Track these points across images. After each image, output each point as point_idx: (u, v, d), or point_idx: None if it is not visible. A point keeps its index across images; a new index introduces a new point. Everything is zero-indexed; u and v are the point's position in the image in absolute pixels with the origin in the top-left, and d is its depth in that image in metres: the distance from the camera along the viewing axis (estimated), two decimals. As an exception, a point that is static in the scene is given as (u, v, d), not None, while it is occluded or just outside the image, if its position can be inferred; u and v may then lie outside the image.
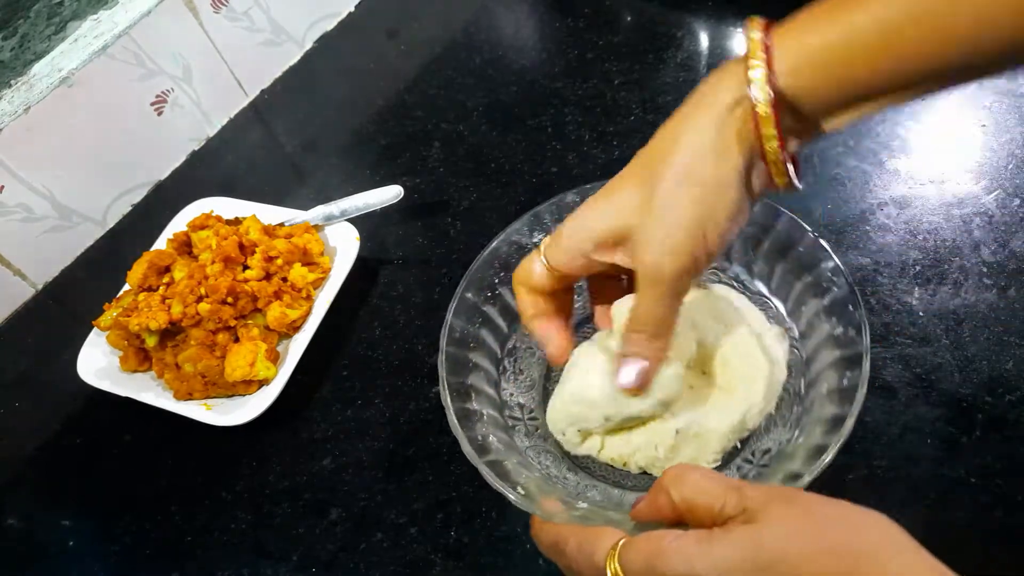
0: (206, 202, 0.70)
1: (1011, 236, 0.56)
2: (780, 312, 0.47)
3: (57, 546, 0.56)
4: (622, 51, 0.78)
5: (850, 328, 0.40)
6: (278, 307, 0.60)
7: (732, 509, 0.30)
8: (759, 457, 0.44)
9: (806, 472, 0.36)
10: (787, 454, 0.41)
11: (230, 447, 0.58)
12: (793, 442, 0.41)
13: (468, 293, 0.48)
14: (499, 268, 0.49)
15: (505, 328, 0.50)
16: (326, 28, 0.91)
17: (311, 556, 0.52)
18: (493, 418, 0.45)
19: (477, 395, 0.46)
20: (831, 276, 0.43)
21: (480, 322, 0.48)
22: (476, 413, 0.45)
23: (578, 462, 0.47)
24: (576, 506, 0.39)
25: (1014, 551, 0.43)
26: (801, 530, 0.28)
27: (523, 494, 0.39)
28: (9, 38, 0.67)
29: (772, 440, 0.44)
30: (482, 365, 0.48)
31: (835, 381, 0.40)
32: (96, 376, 0.61)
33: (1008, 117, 0.63)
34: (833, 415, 0.38)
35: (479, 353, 0.48)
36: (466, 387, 0.46)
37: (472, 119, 0.77)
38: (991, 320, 0.52)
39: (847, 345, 0.40)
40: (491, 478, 0.39)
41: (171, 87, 0.77)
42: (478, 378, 0.47)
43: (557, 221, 0.50)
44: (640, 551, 0.30)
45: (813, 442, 0.38)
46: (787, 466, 0.39)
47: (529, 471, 0.43)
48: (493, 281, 0.49)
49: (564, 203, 0.49)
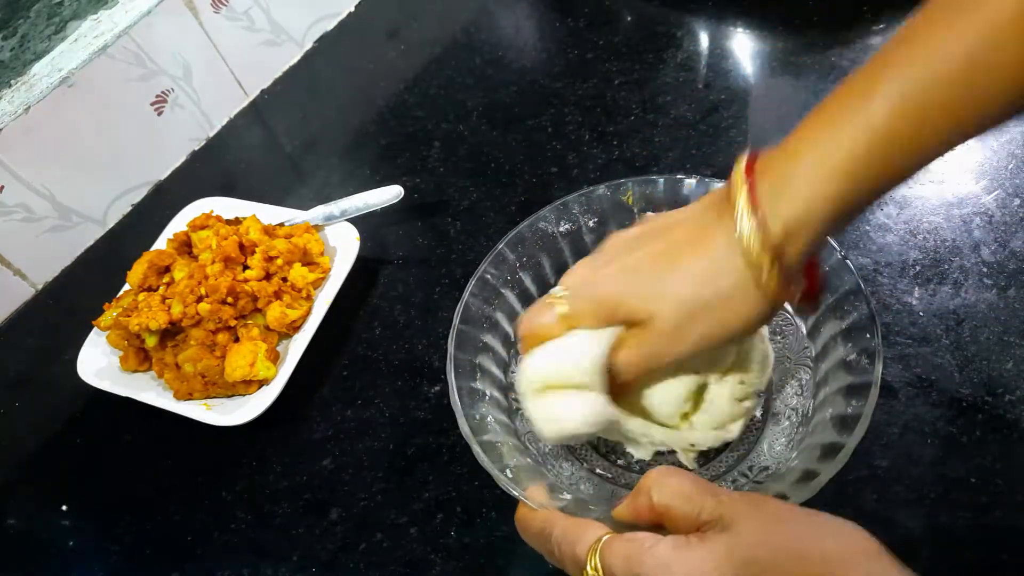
0: (206, 202, 0.70)
1: (1011, 236, 0.56)
2: (800, 331, 0.47)
3: (57, 546, 0.56)
4: (622, 51, 0.78)
5: (863, 356, 0.40)
6: (278, 307, 0.60)
7: (708, 515, 0.30)
8: (756, 473, 0.44)
9: (793, 495, 0.36)
10: (781, 475, 0.41)
11: (230, 447, 0.58)
12: (788, 463, 0.41)
13: (488, 274, 0.48)
14: (522, 252, 0.49)
15: (521, 311, 0.50)
16: (326, 28, 0.91)
17: (311, 556, 0.52)
18: (496, 400, 0.45)
19: (483, 375, 0.46)
20: (853, 299, 0.42)
21: (496, 304, 0.48)
22: (479, 392, 0.45)
23: (576, 453, 0.47)
24: (560, 497, 0.39)
25: (1014, 551, 0.43)
26: (772, 536, 0.29)
27: (511, 477, 0.39)
28: (9, 38, 0.67)
29: (773, 459, 0.44)
30: (492, 346, 0.47)
31: (841, 407, 0.40)
32: (96, 376, 0.61)
33: (1008, 117, 0.63)
34: (831, 442, 0.38)
35: (491, 334, 0.48)
36: (473, 365, 0.46)
37: (472, 119, 0.77)
38: (991, 320, 0.52)
39: (858, 373, 0.40)
40: (481, 458, 0.39)
41: (171, 87, 0.77)
42: (487, 358, 0.47)
43: (585, 212, 0.50)
44: (620, 551, 0.31)
45: (806, 467, 0.38)
46: (778, 487, 0.39)
47: (522, 456, 0.43)
48: (514, 265, 0.49)
49: (594, 196, 0.49)
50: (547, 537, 0.36)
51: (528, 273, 0.49)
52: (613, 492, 0.45)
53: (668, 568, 0.29)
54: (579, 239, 0.51)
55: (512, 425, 0.46)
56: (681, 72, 0.74)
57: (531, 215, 0.49)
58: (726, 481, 0.44)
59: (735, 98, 0.70)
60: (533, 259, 0.50)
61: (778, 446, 0.44)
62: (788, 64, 0.72)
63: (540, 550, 0.37)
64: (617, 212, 0.50)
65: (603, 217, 0.50)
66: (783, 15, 0.76)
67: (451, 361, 0.43)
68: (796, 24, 0.75)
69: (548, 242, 0.50)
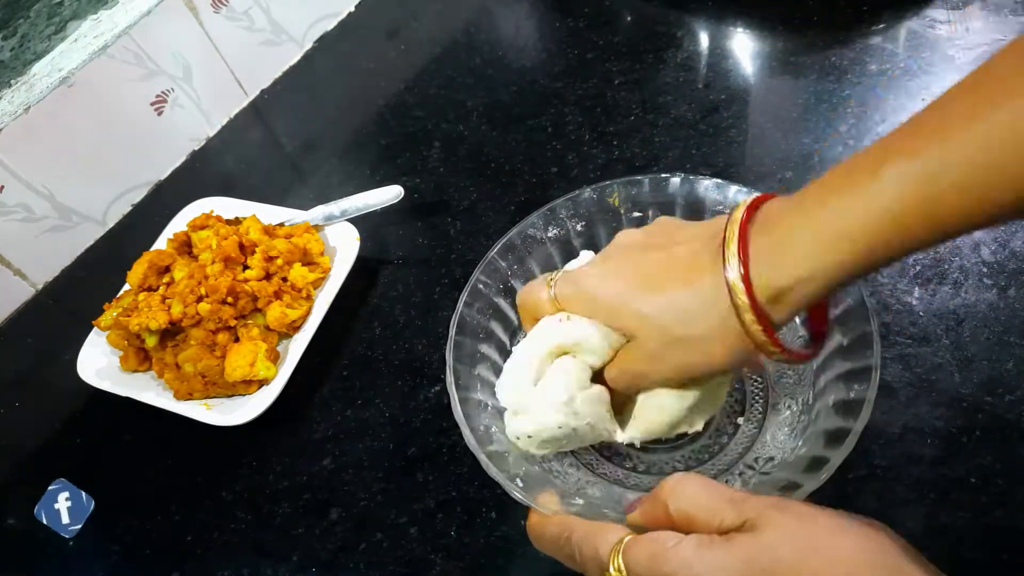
0: (206, 202, 0.70)
1: (1011, 236, 0.56)
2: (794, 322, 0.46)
3: (57, 546, 0.56)
4: (622, 51, 0.78)
5: (859, 341, 0.40)
6: (278, 307, 0.60)
7: (730, 523, 0.30)
8: (762, 464, 0.44)
9: (805, 483, 0.36)
10: (789, 464, 0.41)
11: (230, 447, 0.58)
12: (796, 452, 0.41)
13: (480, 284, 0.48)
14: (512, 260, 0.49)
15: (516, 320, 0.50)
16: (326, 28, 0.91)
17: (311, 556, 0.52)
18: (497, 410, 0.45)
19: (483, 385, 0.46)
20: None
21: (491, 313, 0.48)
22: (481, 403, 0.45)
23: (581, 458, 0.47)
24: (572, 503, 0.39)
25: (1014, 551, 0.43)
26: (798, 538, 0.28)
27: (522, 486, 0.39)
28: (9, 38, 0.67)
29: (777, 449, 0.44)
30: (490, 356, 0.47)
31: (843, 393, 0.40)
32: (96, 376, 0.61)
33: (1008, 117, 0.63)
34: (837, 428, 0.38)
35: (488, 344, 0.48)
36: (472, 377, 0.46)
37: (472, 119, 0.77)
38: (991, 320, 0.52)
39: (856, 358, 0.40)
40: (491, 469, 0.39)
41: (171, 87, 0.77)
42: (485, 368, 0.47)
43: (573, 216, 0.50)
44: (643, 550, 0.31)
45: (814, 454, 0.38)
46: (787, 475, 0.39)
47: (530, 464, 0.43)
48: (506, 273, 0.49)
49: (580, 199, 0.49)
50: (565, 541, 0.35)
51: (520, 280, 0.49)
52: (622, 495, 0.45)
53: (690, 566, 0.29)
54: (567, 243, 0.51)
55: None
56: (681, 72, 0.74)
57: (520, 221, 0.49)
58: (732, 474, 0.44)
59: (735, 98, 0.70)
60: (524, 266, 0.50)
61: (781, 435, 0.44)
62: (788, 64, 0.72)
63: (557, 556, 0.37)
64: (604, 215, 0.50)
65: (590, 220, 0.50)
66: (783, 15, 0.76)
67: (450, 372, 0.43)
68: (796, 24, 0.75)
69: (537, 248, 0.50)
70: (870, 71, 0.69)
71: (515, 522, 0.50)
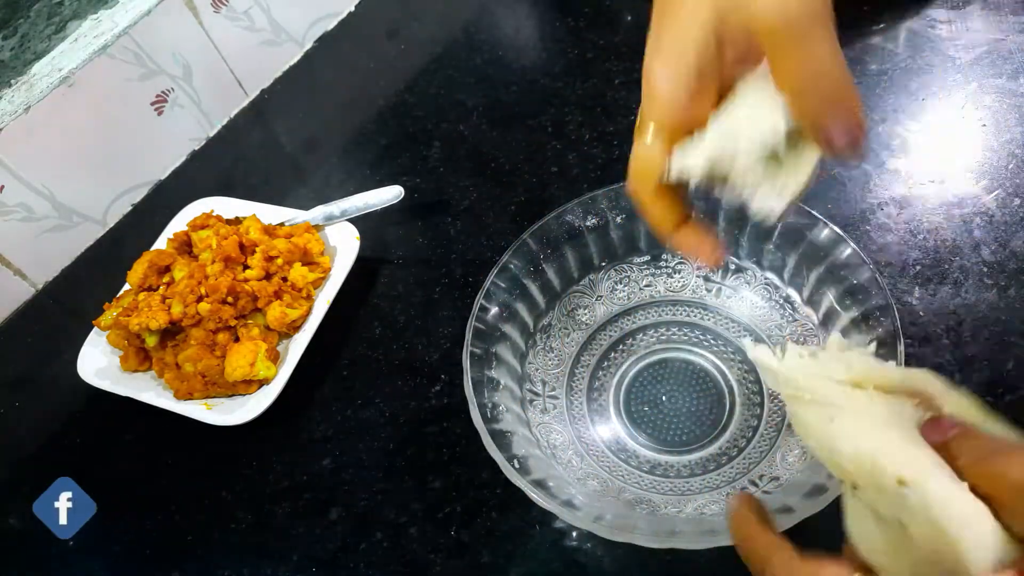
0: (206, 202, 0.70)
1: (1011, 236, 0.56)
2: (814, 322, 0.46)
3: (57, 546, 0.56)
4: (622, 51, 0.78)
5: None
6: (278, 307, 0.60)
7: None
8: (764, 483, 0.43)
9: (800, 509, 0.35)
10: (790, 486, 0.40)
11: (230, 447, 0.58)
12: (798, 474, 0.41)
13: (511, 263, 0.47)
14: (546, 244, 0.49)
15: (543, 304, 0.49)
16: (326, 28, 0.91)
17: (311, 556, 0.52)
18: (510, 389, 0.45)
19: (499, 364, 0.46)
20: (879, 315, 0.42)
21: (518, 294, 0.48)
22: (494, 381, 0.44)
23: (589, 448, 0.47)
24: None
25: (1014, 551, 0.43)
26: None
27: (517, 468, 0.39)
28: (9, 38, 0.67)
29: (785, 470, 0.43)
30: (511, 336, 0.47)
31: None
32: (96, 376, 0.61)
33: (1008, 117, 0.63)
34: None
35: (511, 324, 0.47)
36: (490, 354, 0.45)
37: (472, 119, 0.77)
38: (991, 320, 0.52)
39: None
40: (491, 447, 0.39)
41: (171, 87, 0.77)
42: (504, 348, 0.47)
43: (612, 207, 0.49)
44: None
45: (817, 481, 0.38)
46: (786, 499, 0.38)
47: (532, 447, 0.43)
48: (538, 256, 0.49)
49: (622, 191, 0.49)
50: (765, 562, 0.31)
51: (552, 265, 0.49)
52: (621, 489, 0.45)
53: None
54: (605, 235, 0.50)
55: (524, 416, 0.45)
56: (681, 72, 0.74)
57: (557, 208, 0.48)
58: (733, 488, 0.44)
59: (735, 98, 0.70)
60: (558, 251, 0.49)
61: (791, 457, 0.44)
62: (788, 64, 0.72)
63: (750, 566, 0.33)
64: None
65: (631, 214, 0.50)
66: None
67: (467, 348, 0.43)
68: (796, 24, 0.75)
69: (574, 235, 0.49)
70: (870, 71, 0.69)
71: (516, 522, 0.50)
